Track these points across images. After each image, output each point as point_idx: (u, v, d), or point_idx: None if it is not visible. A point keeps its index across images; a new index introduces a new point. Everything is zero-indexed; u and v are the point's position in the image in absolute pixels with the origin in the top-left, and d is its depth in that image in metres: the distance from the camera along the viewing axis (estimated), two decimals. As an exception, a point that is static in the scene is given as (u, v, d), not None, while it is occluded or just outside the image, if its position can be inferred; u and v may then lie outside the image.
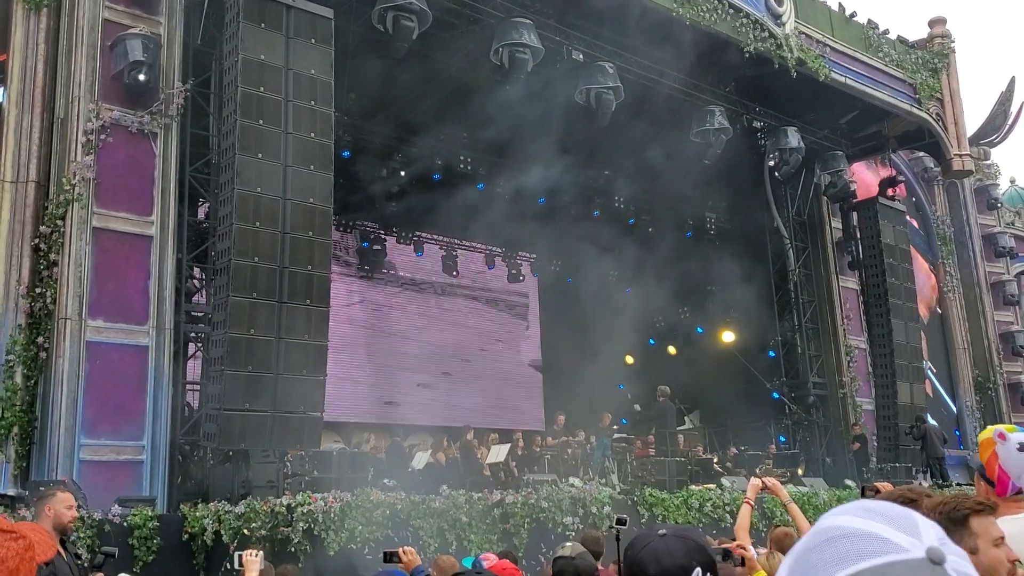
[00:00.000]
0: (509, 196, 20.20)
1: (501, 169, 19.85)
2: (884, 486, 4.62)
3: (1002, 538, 2.57)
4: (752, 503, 4.99)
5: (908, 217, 22.52)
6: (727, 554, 4.00)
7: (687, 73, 16.60)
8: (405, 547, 5.21)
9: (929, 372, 22.83)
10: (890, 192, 20.90)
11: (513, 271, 24.45)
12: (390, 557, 5.18)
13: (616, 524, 6.86)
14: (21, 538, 1.60)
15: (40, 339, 10.82)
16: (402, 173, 18.83)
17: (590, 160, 19.82)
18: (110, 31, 11.58)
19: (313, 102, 11.50)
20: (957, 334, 24.78)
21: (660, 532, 2.13)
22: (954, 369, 24.54)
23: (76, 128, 11.17)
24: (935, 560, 0.98)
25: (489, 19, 14.17)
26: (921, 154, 23.63)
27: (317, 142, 11.47)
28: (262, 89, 11.08)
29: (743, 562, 4.11)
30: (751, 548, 4.44)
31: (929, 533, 1.02)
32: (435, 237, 22.98)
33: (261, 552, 4.94)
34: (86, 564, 6.12)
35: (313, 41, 11.66)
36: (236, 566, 4.75)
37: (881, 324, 19.43)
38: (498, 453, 16.01)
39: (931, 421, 19.97)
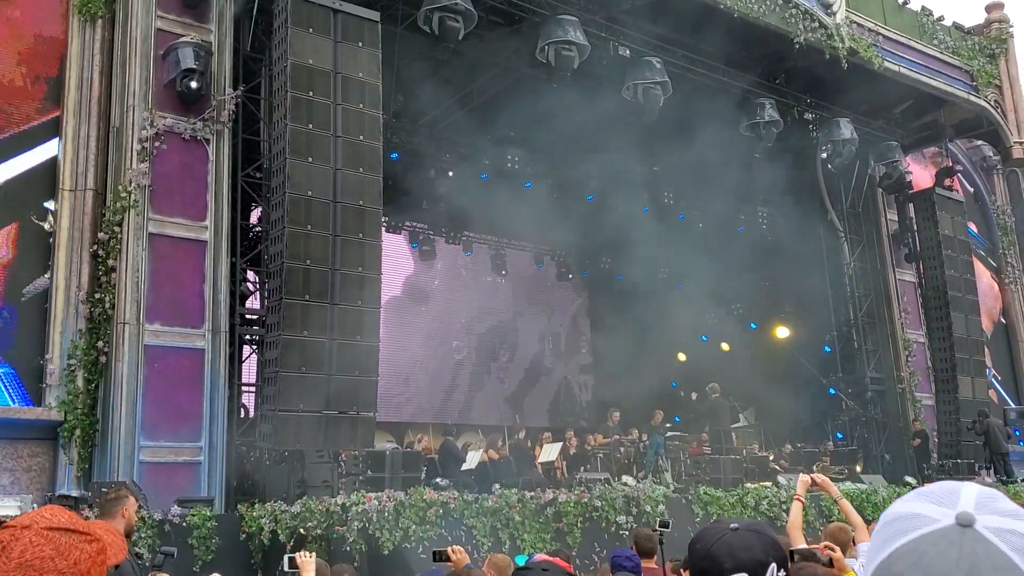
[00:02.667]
0: (557, 194, 20.17)
1: (549, 167, 19.82)
2: None
3: None
4: (803, 499, 4.91)
5: (970, 224, 21.92)
6: (813, 555, 3.94)
7: (736, 66, 16.41)
8: (454, 546, 5.22)
9: (993, 380, 22.20)
10: (947, 182, 20.45)
11: (563, 269, 24.39)
12: (439, 556, 5.20)
13: (659, 527, 6.78)
14: (95, 541, 1.60)
15: (100, 343, 11.06)
16: (450, 173, 18.90)
17: (638, 156, 19.68)
18: (162, 40, 11.79)
19: (361, 105, 11.59)
20: (1019, 327, 24.14)
21: (732, 526, 2.07)
22: (1017, 361, 23.89)
23: (131, 136, 11.39)
24: (964, 523, 1.04)
25: (534, 17, 14.15)
26: (980, 143, 23.05)
27: (366, 145, 11.55)
28: (311, 93, 11.19)
29: (831, 563, 4.03)
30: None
31: (968, 501, 1.08)
32: (484, 236, 23.02)
33: (314, 553, 4.98)
34: (147, 564, 6.23)
35: (360, 44, 11.75)
36: (287, 568, 4.77)
37: (940, 317, 18.97)
38: (550, 452, 15.98)
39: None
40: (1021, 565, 1.02)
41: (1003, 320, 24.12)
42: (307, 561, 4.80)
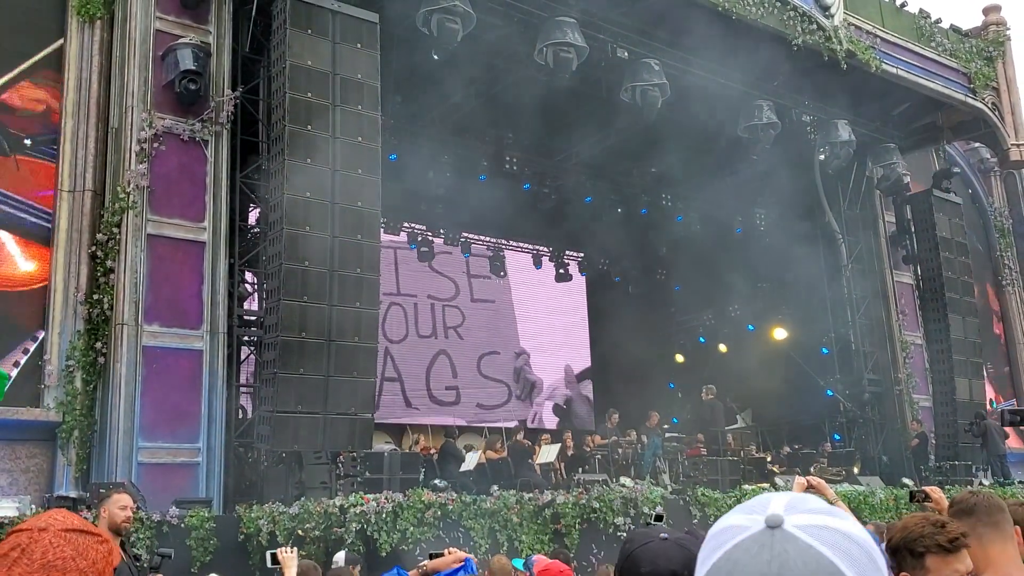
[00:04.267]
0: (555, 195, 20.19)
1: (547, 169, 19.84)
2: (933, 490, 4.53)
3: None
4: None
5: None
6: None
7: (734, 68, 16.42)
8: (451, 548, 5.24)
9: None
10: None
11: (561, 271, 24.41)
12: (436, 558, 5.21)
13: (654, 520, 6.79)
14: (105, 542, 1.65)
15: (98, 344, 11.06)
16: (448, 175, 18.92)
17: (636, 158, 19.71)
18: (161, 41, 11.79)
19: (360, 106, 11.60)
20: (1017, 328, 24.18)
21: (662, 536, 2.10)
22: (1014, 364, 23.94)
23: (130, 137, 11.39)
24: (772, 525, 1.07)
25: (533, 19, 14.16)
26: (977, 144, 23.09)
27: (365, 146, 11.56)
28: (310, 95, 11.20)
29: None
30: None
31: (777, 505, 1.10)
32: (482, 238, 23.04)
33: (296, 549, 4.97)
34: (145, 565, 6.23)
35: (359, 46, 11.76)
36: (270, 564, 4.77)
37: (938, 319, 19.01)
38: (549, 453, 15.99)
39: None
40: (831, 556, 1.04)
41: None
42: (288, 557, 4.81)
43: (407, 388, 21.81)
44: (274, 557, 4.79)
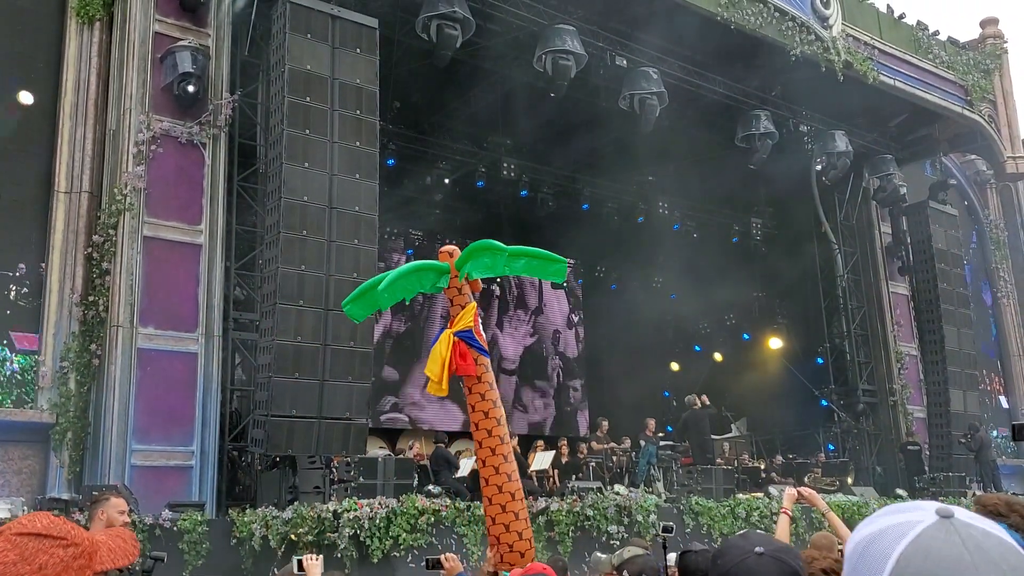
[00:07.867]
0: (552, 202, 20.21)
1: (544, 175, 19.85)
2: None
3: None
4: (789, 513, 4.88)
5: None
6: None
7: (732, 77, 16.47)
8: (447, 554, 5.22)
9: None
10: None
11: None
12: (432, 565, 5.19)
13: (663, 532, 6.78)
14: (71, 545, 1.58)
15: (93, 346, 11.03)
16: (446, 181, 18.92)
17: (634, 165, 19.72)
18: (160, 44, 11.79)
19: (358, 111, 11.61)
20: (1012, 341, 24.21)
21: (757, 549, 2.01)
22: (1009, 376, 23.96)
23: (127, 139, 11.38)
24: (945, 515, 1.14)
25: (532, 26, 14.19)
26: (973, 157, 23.16)
27: (363, 151, 11.57)
28: (308, 99, 11.21)
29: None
30: None
31: (928, 505, 1.18)
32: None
33: (321, 556, 4.94)
34: (137, 568, 6.20)
35: (358, 51, 11.77)
36: (296, 571, 4.74)
37: (933, 330, 19.05)
38: (543, 460, 15.95)
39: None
40: (1007, 538, 1.13)
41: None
42: (313, 565, 4.77)
43: (408, 393, 21.77)
44: (299, 564, 4.76)
